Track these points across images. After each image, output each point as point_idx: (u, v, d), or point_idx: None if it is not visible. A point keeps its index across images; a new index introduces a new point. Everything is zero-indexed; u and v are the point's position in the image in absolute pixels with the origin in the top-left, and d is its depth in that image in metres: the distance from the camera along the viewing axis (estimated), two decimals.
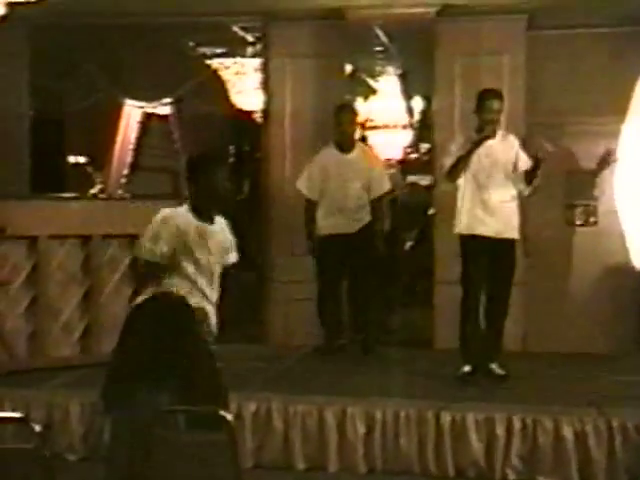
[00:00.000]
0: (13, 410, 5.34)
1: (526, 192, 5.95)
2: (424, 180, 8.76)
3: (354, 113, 6.93)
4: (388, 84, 9.05)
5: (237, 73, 8.80)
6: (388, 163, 7.61)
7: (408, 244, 8.96)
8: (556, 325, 6.97)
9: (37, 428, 3.44)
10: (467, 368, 5.89)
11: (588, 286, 7.15)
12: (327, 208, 6.72)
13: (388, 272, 7.54)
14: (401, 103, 9.09)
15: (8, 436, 4.43)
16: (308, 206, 6.78)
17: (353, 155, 6.74)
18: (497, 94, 5.87)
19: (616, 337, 6.97)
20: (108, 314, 6.29)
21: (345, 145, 6.73)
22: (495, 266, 5.89)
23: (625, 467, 5.03)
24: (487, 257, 5.86)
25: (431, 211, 7.56)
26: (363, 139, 7.83)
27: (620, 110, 6.97)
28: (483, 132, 5.80)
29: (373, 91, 8.99)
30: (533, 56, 7.10)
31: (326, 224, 6.72)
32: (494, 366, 5.95)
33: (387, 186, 6.82)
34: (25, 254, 6.20)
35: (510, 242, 5.92)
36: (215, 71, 8.75)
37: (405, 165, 9.84)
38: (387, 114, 8.93)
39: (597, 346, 6.90)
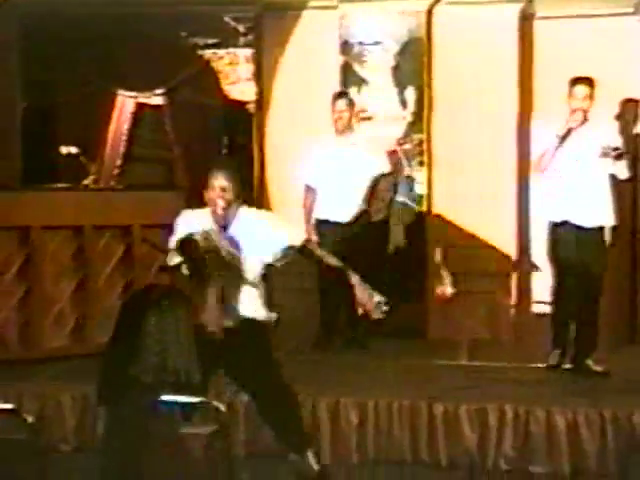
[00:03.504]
0: (5, 401, 5.33)
1: None
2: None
3: (350, 100, 6.97)
4: (380, 75, 9.01)
5: (230, 63, 8.78)
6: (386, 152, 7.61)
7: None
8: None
9: (29, 419, 3.44)
10: None
11: None
12: (324, 193, 6.75)
13: (381, 262, 7.52)
14: (394, 94, 9.06)
15: (0, 427, 4.43)
16: (307, 192, 6.81)
17: (350, 139, 6.79)
18: (585, 80, 5.80)
19: (608, 330, 6.96)
20: (101, 305, 6.29)
21: (342, 131, 6.78)
22: None
23: (616, 457, 5.05)
24: None
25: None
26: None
27: (617, 101, 6.95)
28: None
29: (365, 82, 8.96)
30: (528, 45, 7.09)
31: (323, 209, 6.74)
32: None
33: (385, 169, 6.87)
34: (17, 245, 6.18)
35: None
36: (208, 61, 8.73)
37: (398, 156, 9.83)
38: (379, 105, 8.90)
39: None
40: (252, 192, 7.60)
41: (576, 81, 5.81)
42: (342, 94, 7.00)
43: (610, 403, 5.19)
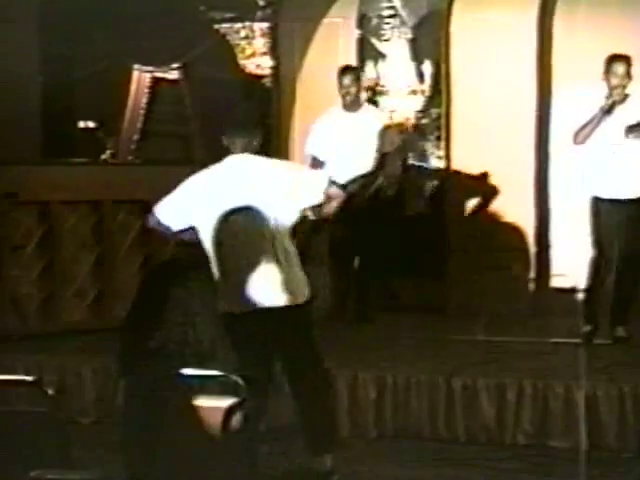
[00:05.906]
0: (26, 374, 5.37)
1: None
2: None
3: (356, 74, 6.90)
4: (398, 48, 8.97)
5: (246, 37, 8.74)
6: (400, 128, 7.56)
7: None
8: None
9: (50, 391, 3.46)
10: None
11: None
12: (332, 167, 6.72)
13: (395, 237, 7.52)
14: (411, 67, 9.01)
15: (21, 399, 4.46)
16: (313, 165, 6.73)
17: (359, 115, 6.75)
18: (623, 58, 5.82)
19: None
20: (120, 279, 6.32)
21: (350, 105, 6.73)
22: None
23: (636, 432, 5.05)
24: None
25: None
26: (374, 104, 7.79)
27: None
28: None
29: (382, 55, 8.92)
30: (549, 17, 7.02)
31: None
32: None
33: (395, 145, 6.83)
34: (37, 219, 6.22)
35: None
36: (224, 35, 8.68)
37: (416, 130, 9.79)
38: (397, 79, 8.86)
39: None
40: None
41: (614, 58, 5.81)
42: (348, 69, 6.91)
43: (629, 378, 5.18)
